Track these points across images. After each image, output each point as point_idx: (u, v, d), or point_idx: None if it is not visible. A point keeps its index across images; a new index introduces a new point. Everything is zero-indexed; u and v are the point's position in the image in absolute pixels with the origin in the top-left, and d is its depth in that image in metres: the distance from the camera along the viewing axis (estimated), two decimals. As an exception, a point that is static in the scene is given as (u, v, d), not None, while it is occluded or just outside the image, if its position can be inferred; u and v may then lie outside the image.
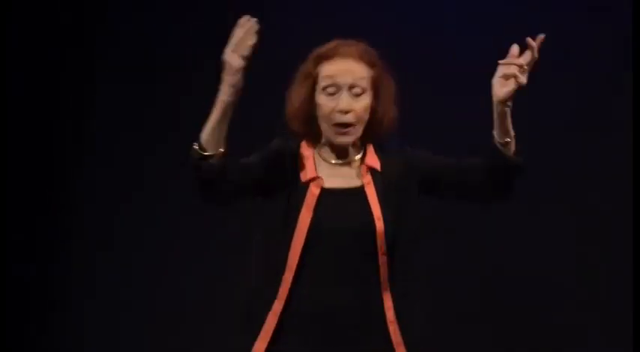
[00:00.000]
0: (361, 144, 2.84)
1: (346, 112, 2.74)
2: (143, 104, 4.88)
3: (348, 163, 2.82)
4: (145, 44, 4.89)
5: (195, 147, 2.66)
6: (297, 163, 2.80)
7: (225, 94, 2.65)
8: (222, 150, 2.66)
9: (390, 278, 2.74)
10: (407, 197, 2.80)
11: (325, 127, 2.77)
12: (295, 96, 2.79)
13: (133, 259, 4.85)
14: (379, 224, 2.74)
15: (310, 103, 2.78)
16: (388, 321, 2.75)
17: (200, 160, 2.65)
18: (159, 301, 4.81)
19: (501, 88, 2.68)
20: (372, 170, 2.81)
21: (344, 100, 2.74)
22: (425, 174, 2.83)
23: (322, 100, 2.76)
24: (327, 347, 2.73)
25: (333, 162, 2.81)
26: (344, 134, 2.76)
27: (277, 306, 2.73)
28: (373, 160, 2.83)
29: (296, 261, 2.71)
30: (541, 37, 2.68)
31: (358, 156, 2.83)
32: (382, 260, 2.74)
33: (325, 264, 2.73)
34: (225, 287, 3.77)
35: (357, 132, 2.78)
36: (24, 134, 4.85)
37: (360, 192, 2.78)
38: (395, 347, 2.75)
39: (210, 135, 2.65)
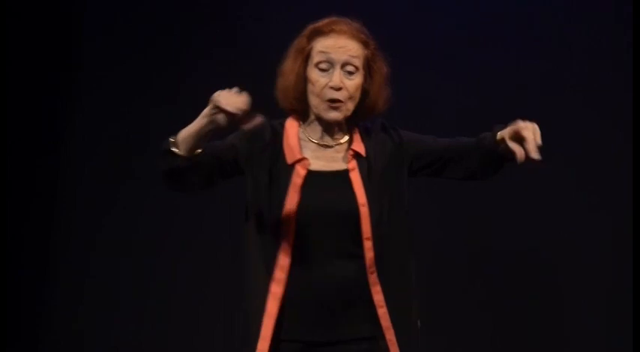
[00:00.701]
0: (348, 127, 2.82)
1: (338, 89, 2.73)
2: (140, 102, 4.87)
3: (334, 146, 2.80)
4: (141, 43, 4.89)
5: (172, 140, 2.65)
6: (282, 144, 2.78)
7: (206, 121, 2.62)
8: (198, 151, 2.64)
9: (377, 262, 2.72)
10: (394, 183, 2.79)
11: (316, 103, 2.75)
12: (288, 71, 2.78)
13: (132, 259, 4.84)
14: (363, 210, 2.73)
15: (303, 78, 2.76)
16: (377, 306, 2.73)
17: (166, 154, 2.65)
18: (158, 300, 4.80)
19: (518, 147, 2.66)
20: (357, 155, 2.80)
21: (336, 76, 2.73)
22: (416, 159, 2.83)
23: (315, 76, 2.75)
24: (321, 331, 2.71)
25: (319, 142, 2.79)
26: (334, 109, 2.74)
27: (277, 290, 2.70)
28: (359, 145, 2.81)
29: (291, 244, 2.70)
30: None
31: (344, 139, 2.82)
32: (367, 244, 2.72)
33: (314, 247, 2.71)
34: (223, 285, 3.77)
35: (348, 109, 2.76)
36: (19, 132, 4.83)
37: (344, 176, 2.77)
38: (384, 331, 2.73)
39: (187, 139, 2.63)
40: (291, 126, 2.81)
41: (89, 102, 4.94)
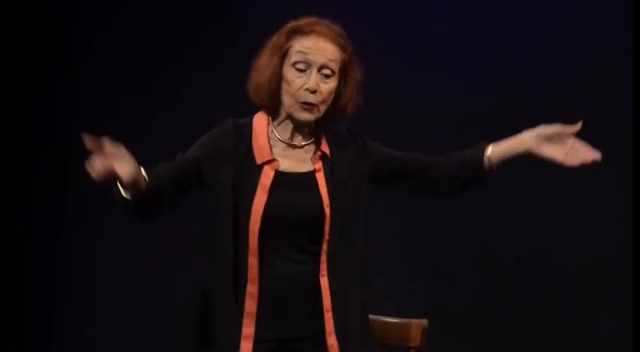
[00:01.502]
0: (316, 127, 2.84)
1: (313, 92, 2.73)
2: (141, 102, 4.88)
3: (303, 146, 2.82)
4: (141, 43, 4.89)
5: (119, 186, 2.64)
6: (251, 143, 2.79)
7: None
8: (141, 187, 2.63)
9: (329, 264, 2.76)
10: (355, 186, 2.83)
11: (290, 102, 2.76)
12: (264, 67, 2.78)
13: (138, 260, 4.85)
14: (327, 210, 2.76)
15: (278, 76, 2.77)
16: (324, 309, 2.76)
17: (121, 199, 2.65)
18: (162, 298, 4.81)
19: (550, 148, 2.84)
20: (323, 156, 2.82)
21: (313, 79, 2.74)
22: (379, 165, 2.87)
23: (290, 75, 2.75)
24: (280, 330, 2.76)
25: (289, 142, 2.81)
26: (307, 110, 2.75)
27: (253, 290, 2.73)
28: (325, 147, 2.83)
29: (257, 244, 2.72)
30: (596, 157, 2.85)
31: (312, 140, 2.83)
32: (324, 246, 2.76)
33: (277, 247, 2.74)
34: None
35: (320, 112, 2.77)
36: (20, 133, 4.83)
37: (311, 177, 2.79)
38: (327, 335, 2.76)
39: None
40: (259, 125, 2.82)
41: (90, 102, 4.94)
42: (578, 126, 2.84)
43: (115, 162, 2.53)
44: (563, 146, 2.86)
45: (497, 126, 4.50)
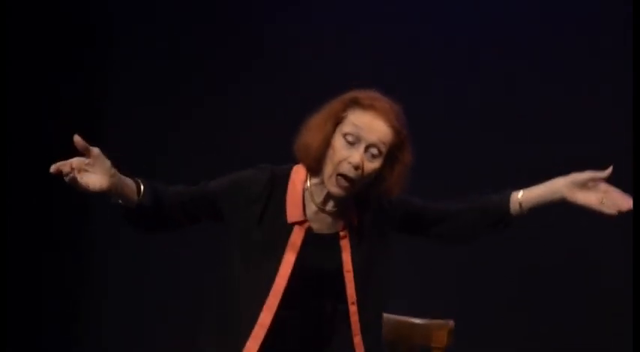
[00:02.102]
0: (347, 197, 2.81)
1: (355, 167, 2.70)
2: (153, 104, 4.88)
3: (332, 212, 2.80)
4: (141, 44, 4.90)
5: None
6: (285, 198, 2.78)
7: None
8: (130, 198, 2.65)
9: (362, 324, 2.78)
10: (381, 250, 2.84)
11: (329, 170, 2.73)
12: (316, 130, 2.75)
13: (145, 259, 4.86)
14: (348, 275, 2.76)
15: (328, 141, 2.73)
16: None
17: (115, 203, 2.67)
18: (172, 300, 4.82)
19: (584, 194, 2.84)
20: (350, 222, 2.81)
21: (358, 155, 2.70)
22: (403, 224, 2.89)
23: (338, 144, 2.72)
24: None
25: (320, 206, 2.79)
26: (340, 187, 2.73)
27: (252, 346, 2.72)
28: (353, 212, 2.82)
29: (277, 303, 2.72)
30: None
31: (342, 206, 2.81)
32: (352, 309, 2.77)
33: (298, 308, 2.75)
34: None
35: (354, 190, 2.74)
36: (20, 133, 4.83)
37: (335, 241, 2.79)
38: None
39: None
40: (297, 180, 2.80)
41: (100, 113, 4.96)
42: (609, 171, 2.82)
43: (89, 173, 2.55)
44: (596, 192, 2.84)
45: (497, 126, 4.55)
